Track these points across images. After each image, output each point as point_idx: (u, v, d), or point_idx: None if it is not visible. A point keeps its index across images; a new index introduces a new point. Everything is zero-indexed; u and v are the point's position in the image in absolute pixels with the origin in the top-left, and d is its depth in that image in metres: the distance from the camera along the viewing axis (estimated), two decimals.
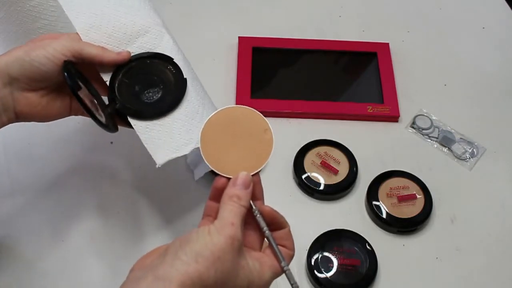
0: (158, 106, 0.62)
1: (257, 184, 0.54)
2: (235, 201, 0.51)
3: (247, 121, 0.55)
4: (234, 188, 0.52)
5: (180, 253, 0.47)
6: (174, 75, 0.64)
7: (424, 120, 0.85)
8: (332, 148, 0.80)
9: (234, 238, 0.48)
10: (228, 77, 0.88)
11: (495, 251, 0.74)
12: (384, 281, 0.70)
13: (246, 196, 0.52)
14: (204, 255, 0.47)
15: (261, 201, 0.55)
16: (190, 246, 0.47)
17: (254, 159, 0.54)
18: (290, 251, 0.54)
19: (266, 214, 0.53)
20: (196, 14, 0.95)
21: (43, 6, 0.73)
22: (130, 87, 0.62)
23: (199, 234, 0.48)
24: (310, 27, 0.95)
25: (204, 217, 0.54)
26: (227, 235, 0.48)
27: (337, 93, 0.87)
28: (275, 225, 0.54)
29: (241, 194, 0.51)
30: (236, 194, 0.51)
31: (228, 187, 0.52)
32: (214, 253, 0.47)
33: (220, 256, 0.47)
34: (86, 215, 0.74)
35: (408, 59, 0.91)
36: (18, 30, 0.74)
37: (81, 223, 0.73)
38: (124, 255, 0.71)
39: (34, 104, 0.60)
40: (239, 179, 0.52)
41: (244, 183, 0.52)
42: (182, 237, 0.49)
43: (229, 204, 0.51)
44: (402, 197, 0.75)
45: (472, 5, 1.00)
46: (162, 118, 0.62)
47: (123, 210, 0.75)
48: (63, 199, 0.75)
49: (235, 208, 0.50)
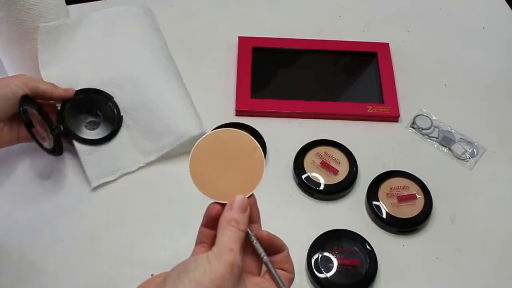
0: (97, 135, 0.76)
1: (253, 207, 0.53)
2: (233, 225, 0.50)
3: (234, 143, 0.54)
4: (231, 212, 0.51)
5: (179, 283, 0.46)
6: (113, 111, 0.77)
7: (424, 120, 0.85)
8: (332, 148, 0.80)
9: (234, 265, 0.47)
10: (228, 77, 0.88)
11: (495, 251, 0.74)
12: (384, 281, 0.70)
13: (244, 220, 0.51)
14: (204, 284, 0.46)
15: (258, 224, 0.54)
16: (189, 276, 0.46)
17: (247, 181, 0.53)
18: (290, 274, 0.53)
19: (263, 239, 0.52)
20: (196, 14, 0.95)
21: (42, 4, 0.73)
22: (76, 115, 0.76)
23: (198, 262, 0.47)
24: (310, 27, 0.95)
25: (198, 244, 0.53)
26: (227, 262, 0.47)
27: (337, 93, 0.87)
28: (273, 249, 0.53)
29: (239, 218, 0.50)
30: (234, 218, 0.50)
31: (225, 212, 0.51)
32: (213, 281, 0.46)
33: (220, 284, 0.46)
34: (86, 215, 0.74)
35: (408, 59, 0.91)
36: (18, 30, 0.74)
37: (81, 223, 0.73)
38: (124, 255, 0.71)
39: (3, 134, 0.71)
40: (236, 203, 0.51)
41: (241, 207, 0.51)
42: (179, 265, 0.48)
43: (227, 229, 0.50)
44: (402, 197, 0.75)
45: (472, 5, 1.00)
46: (99, 146, 0.76)
47: (123, 211, 0.75)
48: (63, 199, 0.75)
49: (234, 233, 0.49)
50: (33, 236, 0.72)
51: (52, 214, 0.74)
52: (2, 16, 0.72)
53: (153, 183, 0.77)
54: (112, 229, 0.73)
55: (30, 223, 0.73)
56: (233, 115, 0.84)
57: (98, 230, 0.73)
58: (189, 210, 0.75)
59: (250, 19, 0.96)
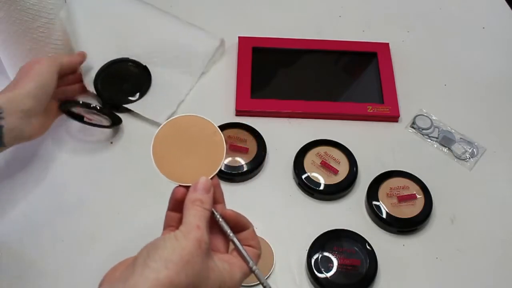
0: (134, 94, 0.84)
1: (216, 187, 0.55)
2: (198, 205, 0.52)
3: (195, 128, 0.56)
4: (196, 193, 0.53)
5: (149, 261, 0.47)
6: (136, 67, 0.86)
7: (424, 120, 0.85)
8: (332, 148, 0.80)
9: (201, 241, 0.49)
10: (228, 77, 0.88)
11: (495, 251, 0.74)
12: (384, 281, 0.70)
13: (208, 200, 0.53)
14: (173, 260, 0.47)
15: (223, 204, 0.56)
16: (159, 253, 0.48)
17: (209, 164, 0.55)
18: (257, 250, 0.54)
19: (228, 217, 0.54)
20: (196, 14, 0.94)
21: (42, 4, 0.73)
22: (108, 89, 0.83)
23: (166, 241, 0.49)
24: (310, 27, 0.95)
25: (166, 228, 0.55)
26: (194, 239, 0.49)
27: (337, 93, 0.87)
28: (239, 227, 0.54)
29: (203, 198, 0.52)
30: (198, 198, 0.52)
31: (189, 193, 0.53)
32: (183, 257, 0.47)
33: (189, 259, 0.48)
34: (86, 215, 0.74)
35: (408, 59, 0.91)
36: (18, 30, 0.74)
37: (81, 223, 0.73)
38: (124, 255, 0.71)
39: (37, 126, 0.71)
40: (200, 184, 0.53)
41: (205, 188, 0.53)
42: (148, 245, 0.49)
43: (192, 209, 0.51)
44: (402, 197, 0.75)
45: (472, 5, 1.00)
46: (144, 97, 0.84)
47: (123, 211, 0.75)
48: (63, 199, 0.75)
49: (199, 212, 0.51)
50: (33, 236, 0.72)
51: (52, 214, 0.74)
52: (2, 16, 0.72)
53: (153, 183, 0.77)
54: (112, 229, 0.73)
55: (30, 223, 0.73)
56: (233, 115, 0.84)
57: (98, 230, 0.73)
58: None
59: (250, 19, 0.96)
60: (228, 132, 0.80)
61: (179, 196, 0.54)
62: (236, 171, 0.77)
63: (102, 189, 0.76)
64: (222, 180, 0.78)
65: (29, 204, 0.74)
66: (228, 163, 0.78)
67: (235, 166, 0.77)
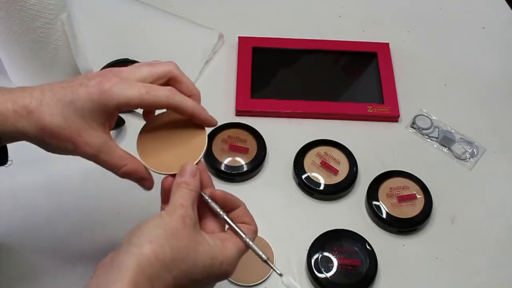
0: None
1: (203, 172, 0.55)
2: (183, 187, 0.52)
3: (176, 121, 0.58)
4: (182, 178, 0.53)
5: (133, 238, 0.47)
6: None
7: (424, 120, 0.85)
8: (332, 148, 0.80)
9: (185, 216, 0.49)
10: (228, 77, 0.88)
11: (495, 251, 0.74)
12: (384, 281, 0.70)
13: (194, 182, 0.53)
14: (156, 234, 0.47)
15: (211, 188, 0.56)
16: (142, 230, 0.48)
17: (193, 151, 0.56)
18: (252, 226, 0.54)
19: (217, 198, 0.54)
20: (196, 14, 0.94)
21: (42, 4, 0.73)
22: None
23: (150, 221, 0.49)
24: (310, 27, 0.95)
25: None
26: (178, 215, 0.49)
27: (337, 93, 0.87)
28: (229, 207, 0.54)
29: (189, 181, 0.52)
30: (184, 181, 0.52)
31: (176, 179, 0.53)
32: (166, 231, 0.48)
33: (173, 233, 0.48)
34: (86, 215, 0.74)
35: (408, 59, 0.91)
36: (18, 30, 0.74)
37: (81, 223, 0.73)
38: None
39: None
40: (185, 170, 0.53)
41: (191, 172, 0.53)
42: (134, 227, 0.49)
43: (177, 190, 0.52)
44: (402, 197, 0.75)
45: (472, 5, 1.00)
46: None
47: (123, 211, 0.75)
48: (63, 199, 0.75)
49: (184, 193, 0.51)
50: (33, 236, 0.72)
51: (52, 214, 0.74)
52: (2, 16, 0.72)
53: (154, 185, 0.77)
54: (112, 229, 0.73)
55: (30, 223, 0.73)
56: (233, 115, 0.84)
57: (98, 230, 0.73)
58: None
59: (250, 19, 0.96)
60: (228, 132, 0.80)
61: (167, 185, 0.54)
62: (236, 171, 0.77)
63: (102, 189, 0.76)
64: (222, 180, 0.78)
65: (29, 204, 0.74)
66: (228, 163, 0.78)
67: (235, 166, 0.77)
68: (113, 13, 0.92)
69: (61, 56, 0.79)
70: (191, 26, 0.91)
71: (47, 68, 0.79)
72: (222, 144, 0.79)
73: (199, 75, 0.88)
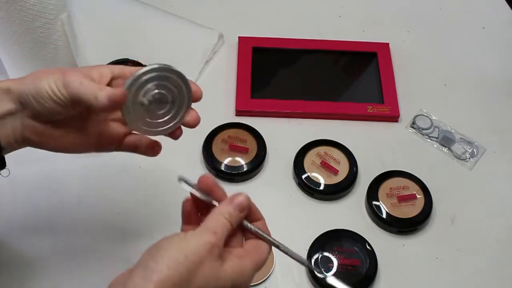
0: None
1: (255, 211, 0.51)
2: (225, 217, 0.48)
3: None
4: (228, 206, 0.49)
5: (151, 262, 0.44)
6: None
7: (424, 120, 0.85)
8: (332, 148, 0.80)
9: (215, 245, 0.46)
10: (228, 77, 0.88)
11: (495, 251, 0.74)
12: (384, 281, 0.70)
13: (237, 217, 0.49)
14: (176, 259, 0.44)
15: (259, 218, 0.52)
16: (161, 253, 0.44)
17: None
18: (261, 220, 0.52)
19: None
20: (196, 14, 0.94)
21: (42, 4, 0.73)
22: None
23: (172, 239, 0.45)
24: (310, 27, 0.95)
25: None
26: (207, 241, 0.45)
27: (337, 93, 0.87)
28: (253, 217, 0.52)
29: (234, 213, 0.48)
30: (229, 211, 0.48)
31: (223, 204, 0.49)
32: (188, 256, 0.44)
33: (195, 260, 0.44)
34: (86, 216, 0.74)
35: (408, 59, 0.91)
36: (18, 30, 0.74)
37: (81, 223, 0.73)
38: (125, 256, 0.71)
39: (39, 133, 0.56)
40: (235, 200, 0.49)
41: (240, 206, 0.49)
42: (151, 246, 0.46)
43: (217, 216, 0.48)
44: (402, 197, 0.75)
45: (472, 5, 1.00)
46: None
47: (123, 211, 0.75)
48: (63, 199, 0.75)
49: (222, 222, 0.47)
50: (33, 236, 0.72)
51: (52, 214, 0.74)
52: (2, 16, 0.72)
53: (154, 184, 0.77)
54: (112, 230, 0.73)
55: (30, 223, 0.73)
56: (233, 115, 0.84)
57: (98, 230, 0.73)
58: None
59: (250, 19, 0.96)
60: (228, 132, 0.80)
61: (188, 207, 0.51)
62: (236, 171, 0.77)
63: (102, 189, 0.76)
64: (222, 180, 0.78)
65: (29, 204, 0.74)
66: (228, 163, 0.78)
67: (235, 166, 0.77)
68: (113, 13, 0.92)
69: (61, 56, 0.79)
70: (191, 26, 0.91)
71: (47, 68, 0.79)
72: (222, 144, 0.79)
73: (199, 75, 0.88)
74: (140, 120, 0.53)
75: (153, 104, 0.53)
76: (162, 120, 0.54)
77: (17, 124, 0.54)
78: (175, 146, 0.62)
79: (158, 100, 0.53)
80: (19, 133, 0.55)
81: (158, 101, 0.53)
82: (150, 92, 0.52)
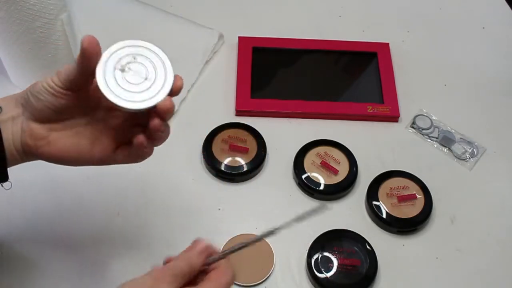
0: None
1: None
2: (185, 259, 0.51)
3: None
4: (190, 252, 0.52)
5: None
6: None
7: (424, 120, 0.85)
8: (332, 148, 0.80)
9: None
10: (228, 77, 0.88)
11: (495, 251, 0.74)
12: (384, 281, 0.70)
13: (198, 260, 0.52)
14: None
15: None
16: None
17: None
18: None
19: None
20: (196, 14, 0.94)
21: (42, 4, 0.73)
22: None
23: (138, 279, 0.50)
24: (310, 27, 0.95)
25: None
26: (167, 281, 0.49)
27: (337, 93, 0.87)
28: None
29: (195, 258, 0.52)
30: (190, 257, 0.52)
31: (186, 249, 0.53)
32: None
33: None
34: (86, 216, 0.74)
35: (408, 59, 0.91)
36: (18, 30, 0.74)
37: (81, 224, 0.73)
38: (125, 256, 0.71)
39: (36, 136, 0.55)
40: (196, 245, 0.52)
41: (200, 250, 0.52)
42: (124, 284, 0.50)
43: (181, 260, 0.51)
44: (402, 197, 0.75)
45: (472, 5, 1.00)
46: None
47: (123, 211, 0.75)
48: (63, 199, 0.75)
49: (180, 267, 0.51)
50: (33, 236, 0.72)
51: (52, 214, 0.74)
52: (2, 16, 0.72)
53: (155, 184, 0.77)
54: (112, 230, 0.73)
55: (30, 223, 0.73)
56: (233, 115, 0.84)
57: (98, 230, 0.73)
58: (192, 211, 0.75)
59: (250, 19, 0.96)
60: (228, 132, 0.80)
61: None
62: (236, 171, 0.77)
63: (102, 189, 0.76)
64: (222, 180, 0.78)
65: (29, 204, 0.74)
66: (228, 163, 0.78)
67: (235, 166, 0.77)
68: (113, 13, 0.92)
69: (61, 56, 0.79)
70: (191, 26, 0.91)
71: (47, 68, 0.79)
72: (222, 144, 0.79)
73: (199, 75, 0.88)
74: (113, 85, 0.55)
75: (128, 73, 0.56)
76: (136, 91, 0.55)
77: (17, 128, 0.56)
78: (175, 146, 0.62)
79: (134, 71, 0.56)
80: (19, 138, 0.56)
81: (133, 72, 0.56)
82: (125, 58, 0.57)
